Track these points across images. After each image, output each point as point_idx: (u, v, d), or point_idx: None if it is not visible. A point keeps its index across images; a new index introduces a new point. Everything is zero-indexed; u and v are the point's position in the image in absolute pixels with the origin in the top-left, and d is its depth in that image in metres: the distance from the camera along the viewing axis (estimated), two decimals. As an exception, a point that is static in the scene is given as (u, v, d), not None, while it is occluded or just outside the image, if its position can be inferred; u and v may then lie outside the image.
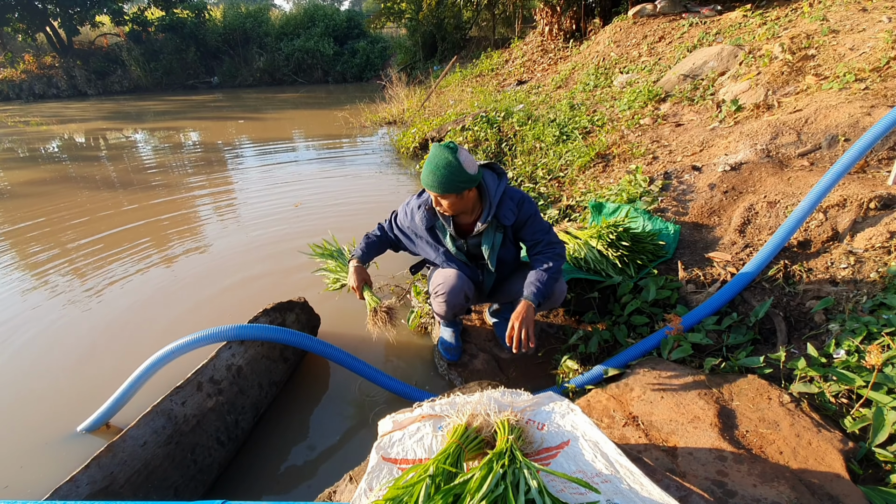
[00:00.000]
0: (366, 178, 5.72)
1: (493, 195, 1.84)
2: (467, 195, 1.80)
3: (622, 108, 4.90)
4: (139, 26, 18.68)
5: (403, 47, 16.47)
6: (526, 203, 1.90)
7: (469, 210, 1.90)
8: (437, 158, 1.71)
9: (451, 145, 1.72)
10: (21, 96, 17.35)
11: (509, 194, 1.88)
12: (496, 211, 1.86)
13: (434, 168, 1.71)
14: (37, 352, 2.63)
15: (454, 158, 1.69)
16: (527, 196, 1.92)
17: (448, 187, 1.72)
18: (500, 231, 1.92)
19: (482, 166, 1.89)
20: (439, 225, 1.98)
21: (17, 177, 6.47)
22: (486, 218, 1.86)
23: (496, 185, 1.87)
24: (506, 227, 1.92)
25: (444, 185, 1.72)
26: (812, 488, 1.19)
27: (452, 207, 1.81)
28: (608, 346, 2.18)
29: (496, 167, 1.94)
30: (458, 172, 1.70)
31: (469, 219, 1.95)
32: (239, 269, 3.46)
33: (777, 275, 2.12)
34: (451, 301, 1.99)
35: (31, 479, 1.85)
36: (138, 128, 10.60)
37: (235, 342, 2.03)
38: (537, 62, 8.99)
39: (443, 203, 1.80)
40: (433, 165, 1.72)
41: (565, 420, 1.25)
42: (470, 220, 1.95)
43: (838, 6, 4.46)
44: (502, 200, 1.86)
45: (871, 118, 2.78)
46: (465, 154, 1.73)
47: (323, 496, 1.39)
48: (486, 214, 1.86)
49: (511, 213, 1.87)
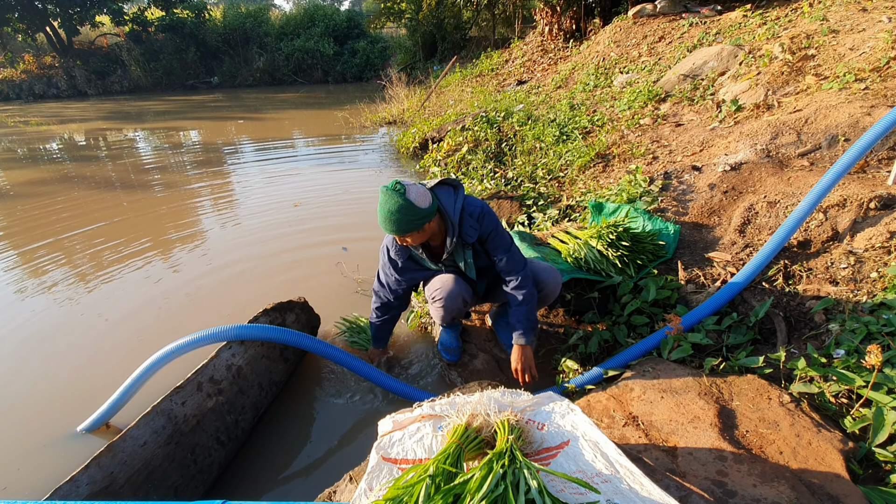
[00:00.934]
0: (365, 177, 5.72)
1: (454, 215, 1.82)
2: (428, 227, 1.78)
3: (622, 108, 4.90)
4: (139, 26, 18.69)
5: (403, 47, 16.48)
6: (486, 217, 1.88)
7: (436, 235, 1.90)
8: (388, 204, 1.66)
9: (398, 187, 1.67)
10: (21, 96, 17.36)
11: (469, 210, 1.85)
12: (459, 230, 1.85)
13: (388, 214, 1.67)
14: (36, 352, 2.63)
15: (404, 201, 1.65)
16: (485, 208, 1.89)
17: (406, 228, 1.70)
18: (468, 248, 1.93)
19: (435, 186, 1.85)
20: (415, 254, 1.99)
21: (16, 177, 6.47)
22: (451, 240, 1.85)
23: (453, 202, 1.83)
24: (472, 244, 1.92)
25: (401, 227, 1.70)
26: (812, 488, 1.19)
27: (417, 241, 1.81)
28: (608, 346, 2.18)
29: (450, 181, 1.89)
30: (411, 212, 1.67)
31: (437, 241, 1.94)
32: (238, 269, 3.46)
33: (777, 275, 2.13)
34: (448, 306, 1.99)
35: (31, 479, 1.85)
36: (138, 128, 10.60)
37: (235, 342, 2.03)
38: (537, 62, 9.00)
39: (407, 240, 1.80)
40: (385, 211, 1.68)
41: (565, 420, 1.25)
42: (438, 243, 1.95)
43: (838, 6, 4.46)
44: (462, 219, 1.84)
45: (871, 118, 2.78)
46: (415, 190, 1.69)
47: (323, 496, 1.39)
48: (450, 236, 1.85)
49: (473, 230, 1.85)
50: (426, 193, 1.73)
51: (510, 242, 1.94)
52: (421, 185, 1.76)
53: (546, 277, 2.05)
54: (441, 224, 1.87)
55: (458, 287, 1.97)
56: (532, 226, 3.37)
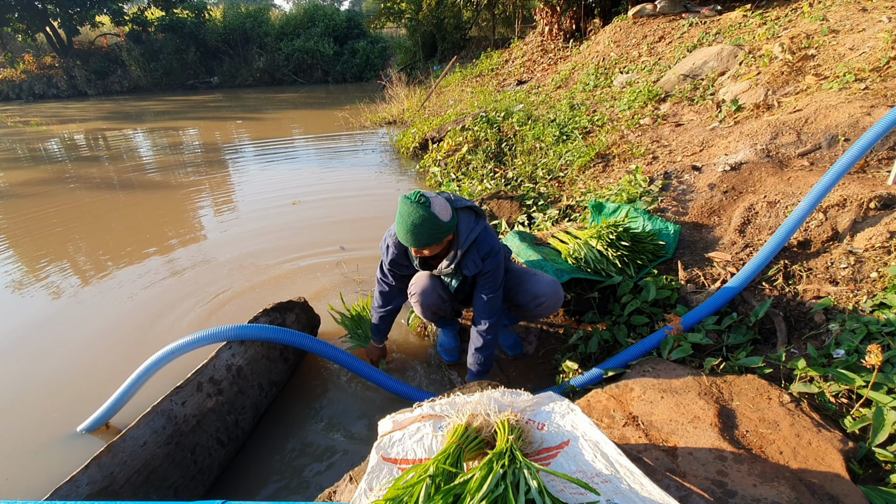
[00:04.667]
0: (365, 177, 5.73)
1: (463, 242, 1.78)
2: (445, 240, 1.75)
3: (622, 108, 4.90)
4: (139, 26, 18.68)
5: (403, 47, 16.47)
6: (490, 259, 1.84)
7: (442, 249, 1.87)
8: (412, 216, 1.62)
9: (423, 199, 1.63)
10: (21, 96, 17.35)
11: (478, 244, 1.81)
12: (460, 259, 1.83)
13: (410, 227, 1.63)
14: (37, 352, 2.63)
15: (428, 214, 1.61)
16: (494, 249, 1.84)
17: (428, 242, 1.68)
18: (458, 277, 1.92)
19: (463, 209, 1.81)
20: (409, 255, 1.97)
21: (16, 177, 6.47)
22: (451, 263, 1.83)
23: (469, 230, 1.79)
24: (465, 276, 1.91)
25: (423, 241, 1.67)
26: (812, 488, 1.19)
27: (433, 252, 1.79)
28: (608, 346, 2.18)
29: (476, 208, 1.85)
30: (435, 226, 1.63)
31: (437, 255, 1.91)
32: (238, 268, 3.45)
33: (777, 275, 2.13)
34: (424, 301, 1.97)
35: (31, 479, 1.85)
36: (138, 127, 10.60)
37: (235, 342, 2.03)
38: (537, 62, 8.99)
39: (424, 252, 1.78)
40: (409, 224, 1.63)
41: (565, 420, 1.25)
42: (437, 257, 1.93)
43: (838, 6, 4.46)
44: (469, 250, 1.81)
45: (871, 118, 2.78)
46: (438, 203, 1.66)
47: (323, 496, 1.39)
48: (451, 259, 1.82)
49: (474, 265, 1.82)
50: (447, 206, 1.70)
51: (499, 287, 1.91)
52: (441, 197, 1.71)
53: (548, 292, 1.99)
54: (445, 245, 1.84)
55: (432, 283, 1.96)
56: (532, 226, 3.37)
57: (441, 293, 1.99)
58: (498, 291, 1.91)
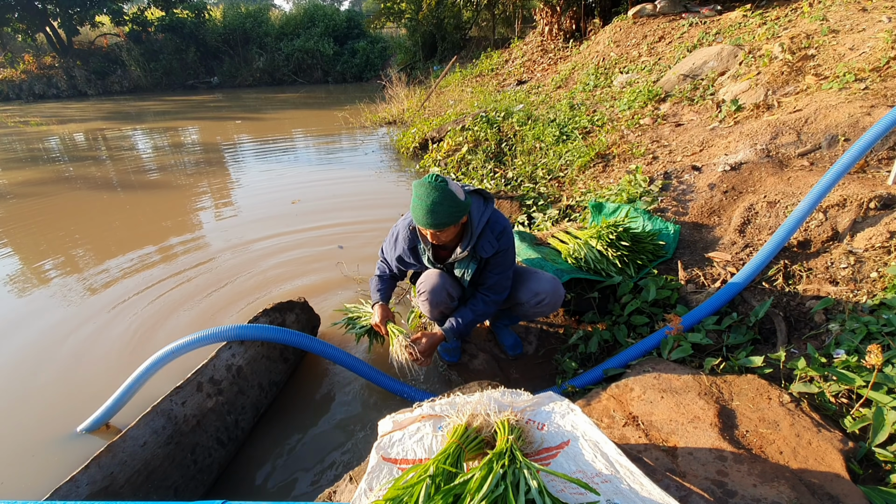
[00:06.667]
0: (365, 176, 5.73)
1: (476, 225, 1.81)
2: (461, 221, 1.76)
3: (622, 108, 4.90)
4: (139, 26, 18.68)
5: (403, 47, 16.48)
6: (504, 237, 1.86)
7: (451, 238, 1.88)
8: (430, 196, 1.64)
9: (438, 179, 1.65)
10: (21, 96, 17.35)
11: (491, 225, 1.84)
12: (476, 242, 1.84)
13: (430, 205, 1.64)
14: (37, 352, 2.63)
15: (448, 191, 1.63)
16: (507, 228, 1.88)
17: (447, 220, 1.68)
18: (475, 261, 1.91)
19: (472, 193, 1.84)
20: (420, 248, 1.98)
21: (16, 177, 6.47)
22: (466, 247, 1.84)
23: (480, 213, 1.82)
24: (482, 258, 1.91)
25: (442, 220, 1.67)
26: (812, 488, 1.19)
27: (451, 235, 1.79)
28: (608, 346, 2.18)
29: (483, 192, 1.88)
30: (454, 203, 1.65)
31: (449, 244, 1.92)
32: (237, 268, 3.45)
33: (777, 275, 2.13)
34: (433, 300, 1.97)
35: (31, 479, 1.85)
36: (138, 127, 10.60)
37: (235, 342, 2.03)
38: (537, 62, 8.99)
39: (440, 236, 1.77)
40: (428, 203, 1.64)
41: (565, 420, 1.25)
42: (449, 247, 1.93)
43: (838, 6, 4.46)
44: (483, 232, 1.83)
45: (871, 118, 2.78)
46: (452, 183, 1.69)
47: (323, 496, 1.39)
48: (466, 243, 1.83)
49: (490, 246, 1.84)
50: (460, 188, 1.74)
51: (510, 266, 1.94)
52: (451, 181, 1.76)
53: (548, 289, 2.00)
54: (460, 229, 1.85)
55: (441, 281, 1.96)
56: (532, 226, 3.37)
57: (451, 291, 1.99)
58: (508, 271, 1.95)
